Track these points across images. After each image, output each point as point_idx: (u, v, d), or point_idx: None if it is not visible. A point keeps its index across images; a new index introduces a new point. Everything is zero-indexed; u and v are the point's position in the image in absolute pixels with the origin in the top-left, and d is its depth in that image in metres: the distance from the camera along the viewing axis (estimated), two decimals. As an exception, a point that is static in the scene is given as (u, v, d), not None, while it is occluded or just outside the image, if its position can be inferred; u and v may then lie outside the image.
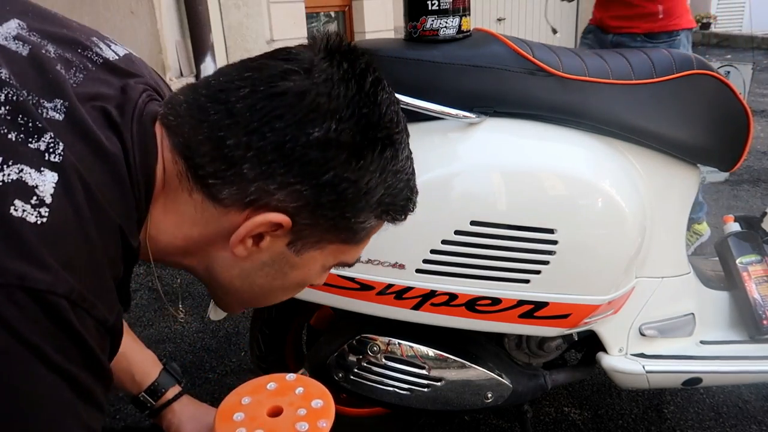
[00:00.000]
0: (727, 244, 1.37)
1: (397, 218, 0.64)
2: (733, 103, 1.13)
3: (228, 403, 0.67)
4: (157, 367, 0.85)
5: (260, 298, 0.65)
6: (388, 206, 0.60)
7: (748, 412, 1.54)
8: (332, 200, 0.54)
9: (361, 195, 0.55)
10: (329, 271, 0.67)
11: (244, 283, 0.60)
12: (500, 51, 1.02)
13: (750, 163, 3.46)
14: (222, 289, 0.63)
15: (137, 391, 0.83)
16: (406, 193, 0.63)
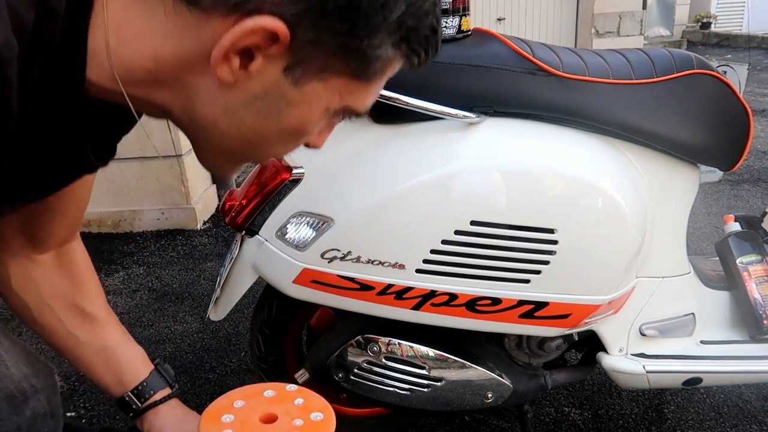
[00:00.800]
0: (727, 244, 1.37)
1: (417, 53, 0.49)
2: (734, 103, 1.13)
3: (219, 404, 0.62)
4: (148, 368, 0.79)
5: (250, 148, 0.52)
6: (409, 32, 0.47)
7: (749, 412, 1.54)
8: (342, 7, 0.42)
9: (377, 6, 0.43)
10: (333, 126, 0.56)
11: (231, 124, 0.48)
12: (500, 51, 1.02)
13: (750, 162, 3.46)
14: (204, 136, 0.51)
15: (123, 392, 0.77)
16: (431, 20, 0.48)
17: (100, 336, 0.75)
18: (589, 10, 7.24)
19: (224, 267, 1.17)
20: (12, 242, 0.69)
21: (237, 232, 1.12)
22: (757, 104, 4.67)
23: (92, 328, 0.75)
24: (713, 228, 2.64)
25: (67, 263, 0.74)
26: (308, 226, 1.04)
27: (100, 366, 0.75)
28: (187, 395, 1.70)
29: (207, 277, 2.33)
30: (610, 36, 7.31)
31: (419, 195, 1.00)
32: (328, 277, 1.05)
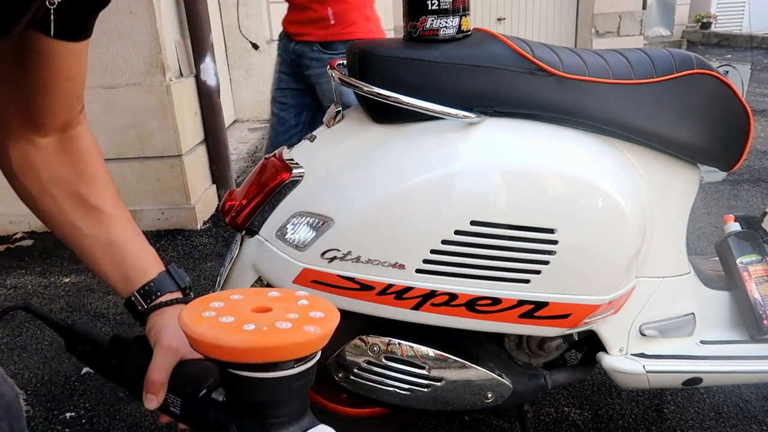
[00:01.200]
0: (727, 244, 1.37)
1: None
2: (734, 103, 1.13)
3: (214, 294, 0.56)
4: (158, 268, 0.72)
5: None
6: None
7: (749, 412, 1.54)
8: None
9: None
10: None
11: None
12: (500, 51, 1.02)
13: (750, 162, 3.46)
14: None
15: (129, 291, 0.71)
16: None
17: (106, 230, 0.70)
18: (589, 10, 7.24)
19: (224, 267, 1.17)
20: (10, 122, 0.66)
21: (237, 232, 1.12)
22: (757, 104, 4.67)
23: (97, 221, 0.70)
24: (713, 228, 2.64)
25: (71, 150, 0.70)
26: (308, 226, 1.04)
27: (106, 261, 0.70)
28: (187, 395, 1.70)
29: (207, 277, 2.33)
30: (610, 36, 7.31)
31: (419, 195, 1.00)
32: (328, 277, 1.05)
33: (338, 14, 1.74)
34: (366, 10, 1.83)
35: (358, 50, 1.04)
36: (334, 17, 1.73)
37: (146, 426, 1.59)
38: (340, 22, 1.75)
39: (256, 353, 0.45)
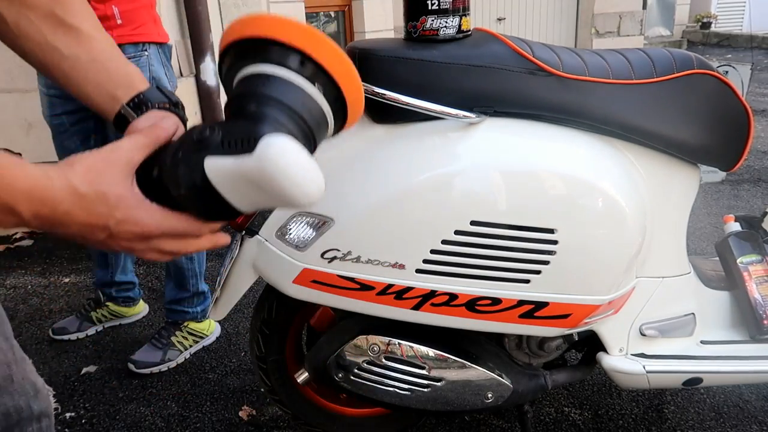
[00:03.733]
0: (727, 244, 1.37)
1: None
2: (734, 103, 1.13)
3: None
4: (145, 83, 0.69)
5: None
6: None
7: (749, 412, 1.54)
8: None
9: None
10: None
11: None
12: (500, 51, 1.02)
13: (750, 162, 3.46)
14: None
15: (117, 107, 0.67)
16: None
17: (86, 49, 0.67)
18: (589, 10, 7.24)
19: (224, 267, 1.17)
20: None
21: (237, 232, 1.12)
22: (757, 104, 4.67)
23: (76, 41, 0.67)
24: (713, 228, 2.64)
25: None
26: (308, 226, 1.03)
27: (90, 82, 0.67)
28: (187, 395, 1.70)
29: (207, 277, 2.33)
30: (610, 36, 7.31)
31: (419, 195, 1.00)
32: (328, 277, 1.05)
33: (125, 13, 1.55)
34: (152, 10, 1.68)
35: (358, 50, 1.04)
36: (121, 16, 1.54)
37: (146, 426, 1.59)
38: (128, 21, 1.55)
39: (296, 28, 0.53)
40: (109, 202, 0.52)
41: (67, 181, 0.50)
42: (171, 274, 1.84)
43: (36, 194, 0.48)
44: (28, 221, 0.49)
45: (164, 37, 1.67)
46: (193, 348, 1.89)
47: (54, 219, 0.50)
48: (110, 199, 0.52)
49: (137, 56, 1.58)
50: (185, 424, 1.60)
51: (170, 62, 1.73)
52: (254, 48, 0.56)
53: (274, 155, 0.47)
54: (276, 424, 1.57)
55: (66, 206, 0.50)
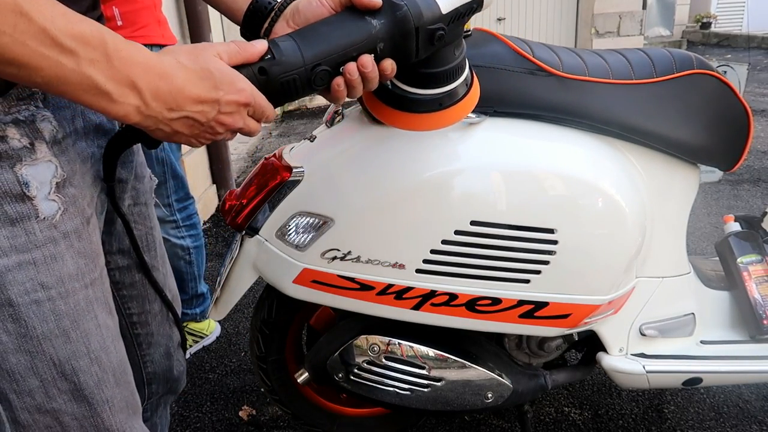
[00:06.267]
0: (727, 244, 1.37)
1: None
2: (734, 103, 1.13)
3: None
4: None
5: None
6: None
7: (749, 412, 1.54)
8: None
9: None
10: None
11: None
12: (500, 51, 1.02)
13: (750, 162, 3.46)
14: None
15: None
16: None
17: None
18: (589, 10, 7.24)
19: (224, 267, 1.17)
20: None
21: (237, 232, 1.12)
22: (757, 104, 4.67)
23: None
24: (713, 228, 2.64)
25: None
26: (308, 226, 1.03)
27: None
28: (187, 395, 1.70)
29: (207, 277, 2.33)
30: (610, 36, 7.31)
31: (419, 195, 1.00)
32: (328, 277, 1.05)
33: (126, 14, 1.51)
34: (156, 11, 1.64)
35: None
36: (122, 18, 1.51)
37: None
38: (129, 23, 1.52)
39: None
40: (214, 75, 0.55)
41: (175, 59, 0.53)
42: None
43: (153, 68, 0.50)
44: (148, 100, 0.51)
45: (169, 39, 1.65)
46: (192, 348, 1.89)
47: (170, 96, 0.52)
48: (214, 73, 0.55)
49: None
50: (185, 424, 1.60)
51: None
52: None
53: None
54: (276, 424, 1.57)
55: (179, 81, 0.52)
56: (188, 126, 0.55)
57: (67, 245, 0.59)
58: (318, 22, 0.64)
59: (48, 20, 0.44)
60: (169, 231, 1.75)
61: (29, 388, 0.58)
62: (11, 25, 0.42)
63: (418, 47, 0.65)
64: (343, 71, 0.62)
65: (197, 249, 1.81)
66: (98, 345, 0.62)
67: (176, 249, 1.76)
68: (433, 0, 0.64)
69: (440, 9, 0.64)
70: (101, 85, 0.48)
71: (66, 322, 0.59)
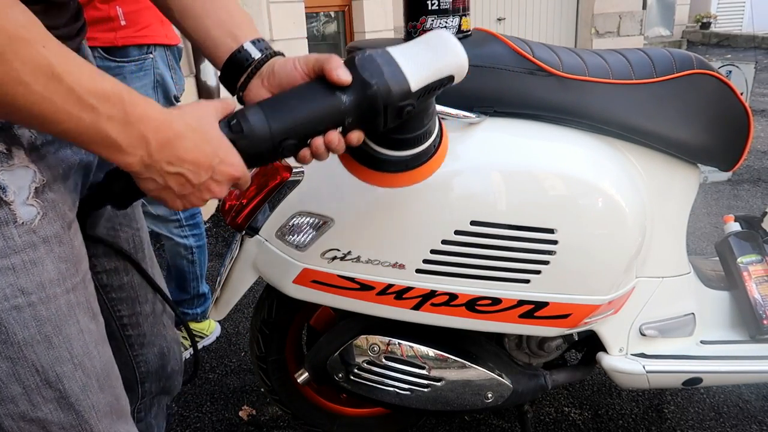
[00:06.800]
0: (727, 244, 1.37)
1: None
2: (734, 103, 1.13)
3: None
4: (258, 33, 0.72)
5: None
6: None
7: (749, 412, 1.54)
8: None
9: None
10: None
11: None
12: (500, 51, 1.02)
13: (750, 162, 3.46)
14: None
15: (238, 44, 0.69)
16: None
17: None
18: (589, 10, 7.24)
19: (224, 267, 1.17)
20: None
21: (237, 232, 1.12)
22: (757, 104, 4.67)
23: None
24: (713, 228, 2.64)
25: None
26: (308, 226, 1.04)
27: (210, 16, 0.69)
28: (187, 395, 1.70)
29: (207, 277, 2.33)
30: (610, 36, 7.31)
31: (419, 195, 1.00)
32: (328, 277, 1.05)
33: (129, 14, 1.50)
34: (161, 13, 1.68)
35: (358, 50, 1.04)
36: (125, 17, 1.49)
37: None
38: (132, 23, 1.51)
39: None
40: (213, 140, 0.58)
41: (182, 118, 0.56)
42: (172, 276, 1.83)
43: (163, 124, 0.54)
44: (153, 153, 0.54)
45: (173, 39, 1.64)
46: None
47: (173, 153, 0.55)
48: (213, 138, 0.58)
49: (141, 59, 1.54)
50: (185, 424, 1.60)
51: (179, 64, 1.70)
52: None
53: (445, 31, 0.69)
54: (276, 424, 1.57)
55: (185, 141, 0.55)
56: (180, 184, 0.58)
57: (47, 250, 0.58)
58: (289, 92, 0.65)
59: (75, 80, 0.47)
60: (172, 230, 1.74)
61: (11, 394, 0.58)
62: (43, 85, 0.46)
63: (386, 121, 0.66)
64: (310, 143, 0.64)
65: (200, 248, 1.81)
66: (81, 350, 0.61)
67: (179, 248, 1.76)
68: (403, 77, 0.64)
69: (410, 86, 0.64)
70: (114, 138, 0.51)
71: (48, 328, 0.58)
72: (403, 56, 0.65)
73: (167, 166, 0.55)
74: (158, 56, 1.58)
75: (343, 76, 0.62)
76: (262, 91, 0.68)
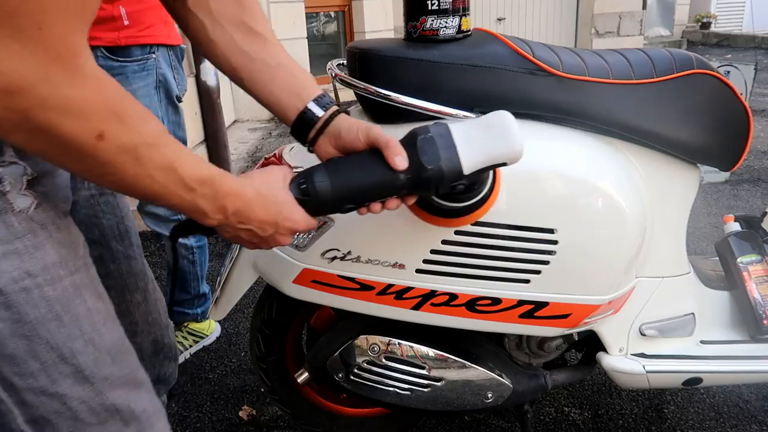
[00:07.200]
0: (727, 244, 1.37)
1: None
2: (734, 103, 1.13)
3: None
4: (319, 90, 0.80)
5: None
6: None
7: (749, 412, 1.54)
8: None
9: None
10: None
11: None
12: (500, 51, 1.02)
13: (750, 162, 3.46)
14: None
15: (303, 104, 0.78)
16: None
17: (272, 53, 0.78)
18: (589, 10, 7.25)
19: (224, 267, 1.17)
20: None
21: (237, 232, 1.12)
22: (757, 104, 4.67)
23: (263, 46, 0.78)
24: (713, 228, 2.65)
25: None
26: (308, 226, 1.03)
27: (276, 82, 0.78)
28: (187, 395, 1.70)
29: (208, 277, 2.33)
30: (610, 36, 7.32)
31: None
32: (328, 277, 1.05)
33: (133, 14, 1.49)
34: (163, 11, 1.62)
35: (358, 50, 1.04)
36: (128, 17, 1.48)
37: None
38: (135, 23, 1.50)
39: None
40: (279, 202, 0.69)
41: (253, 187, 0.67)
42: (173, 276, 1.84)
43: (239, 196, 0.65)
44: (229, 216, 0.65)
45: (175, 39, 1.63)
46: (193, 348, 1.89)
47: (244, 215, 0.66)
48: (279, 200, 0.69)
49: (144, 59, 1.53)
50: (185, 424, 1.60)
51: (182, 64, 1.70)
52: None
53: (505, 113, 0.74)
54: (276, 424, 1.57)
55: (255, 207, 0.66)
56: (250, 235, 0.69)
57: (46, 236, 0.62)
58: (353, 160, 0.74)
59: (185, 170, 0.58)
60: None
61: (30, 370, 0.61)
62: (163, 177, 0.57)
63: (437, 194, 0.76)
64: (368, 205, 0.75)
65: (201, 249, 1.81)
66: (90, 327, 0.65)
67: (180, 248, 1.76)
68: (458, 162, 0.71)
69: (462, 170, 0.72)
70: (204, 209, 0.62)
71: (57, 307, 0.62)
72: (463, 139, 0.72)
73: (239, 224, 0.67)
74: (161, 56, 1.58)
75: (401, 165, 0.71)
76: (329, 148, 0.78)
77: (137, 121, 0.53)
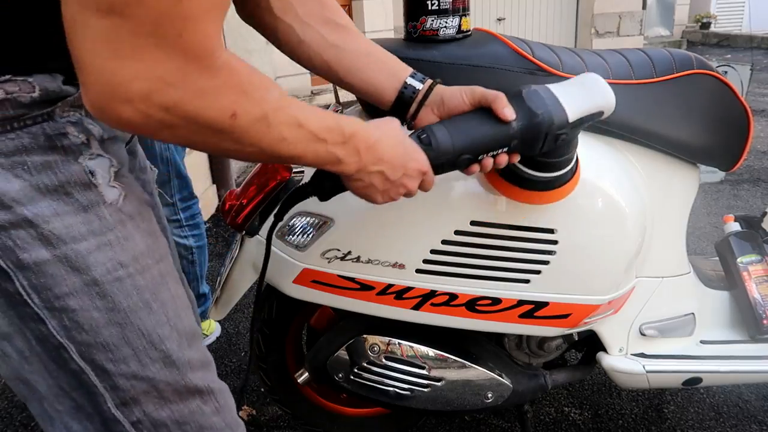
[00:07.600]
0: (727, 244, 1.37)
1: None
2: (734, 103, 1.13)
3: None
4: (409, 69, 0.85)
5: None
6: None
7: (749, 412, 1.54)
8: None
9: None
10: None
11: None
12: (500, 51, 1.02)
13: (750, 162, 3.46)
14: None
15: (401, 80, 0.83)
16: None
17: (359, 43, 0.82)
18: (589, 10, 7.25)
19: (225, 267, 1.17)
20: None
21: (237, 232, 1.12)
22: (757, 104, 4.67)
23: (350, 38, 0.81)
24: (713, 228, 2.65)
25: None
26: (308, 226, 1.04)
27: (371, 68, 0.82)
28: (187, 395, 1.70)
29: (208, 277, 2.33)
30: (610, 36, 7.32)
31: (419, 195, 1.00)
32: (328, 277, 1.05)
33: None
34: None
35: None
36: None
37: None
38: None
39: None
40: (404, 143, 0.72)
41: (377, 128, 0.70)
42: None
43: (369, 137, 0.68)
44: (363, 158, 0.68)
45: None
46: None
47: (376, 156, 0.69)
48: (403, 140, 0.72)
49: None
50: (185, 424, 1.59)
51: None
52: None
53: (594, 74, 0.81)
54: (276, 424, 1.57)
55: (384, 146, 0.69)
56: (381, 181, 0.71)
57: (134, 226, 0.65)
58: (466, 116, 0.78)
59: (311, 123, 0.61)
60: (172, 230, 1.75)
61: (123, 356, 0.64)
62: (294, 135, 0.60)
63: (543, 146, 0.78)
64: (481, 161, 0.77)
65: (200, 249, 1.81)
66: (173, 313, 0.68)
67: (179, 248, 1.76)
68: (562, 110, 0.77)
69: (568, 118, 0.77)
70: (339, 157, 0.65)
71: (147, 295, 0.65)
72: (562, 93, 0.78)
73: (371, 166, 0.69)
74: None
75: (509, 116, 0.75)
76: (432, 117, 0.82)
77: (262, 92, 0.56)
